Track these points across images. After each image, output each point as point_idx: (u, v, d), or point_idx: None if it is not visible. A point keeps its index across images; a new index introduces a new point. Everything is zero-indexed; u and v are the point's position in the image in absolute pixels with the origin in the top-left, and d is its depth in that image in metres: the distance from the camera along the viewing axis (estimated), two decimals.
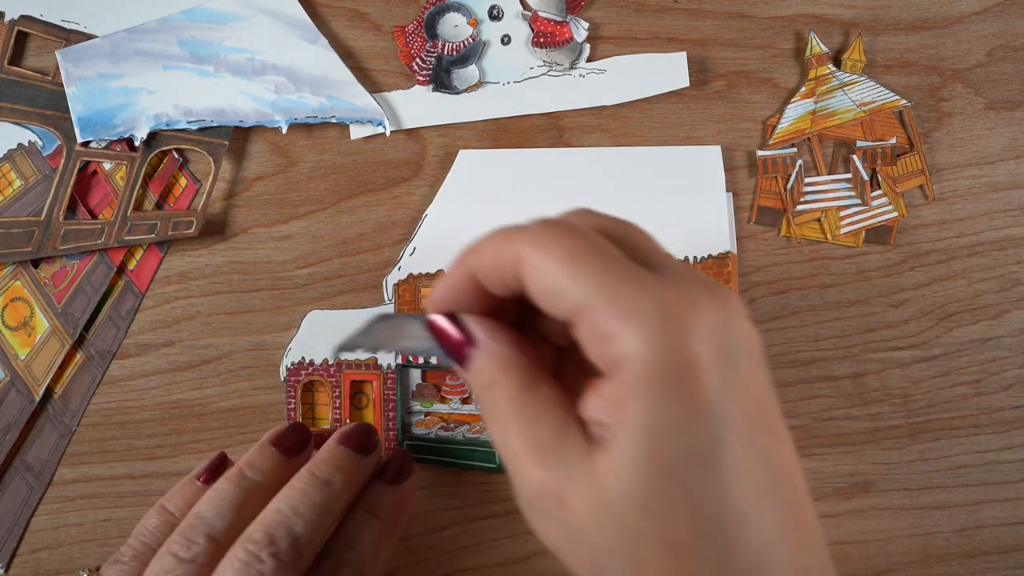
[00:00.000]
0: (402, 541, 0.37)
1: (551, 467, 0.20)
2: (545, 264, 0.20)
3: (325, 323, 0.36)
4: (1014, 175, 0.38)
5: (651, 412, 0.19)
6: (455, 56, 0.37)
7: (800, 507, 0.20)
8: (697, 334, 0.19)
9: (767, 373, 0.21)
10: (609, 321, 0.19)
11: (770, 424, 0.20)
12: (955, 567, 0.37)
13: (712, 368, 0.19)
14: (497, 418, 0.22)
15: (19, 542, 0.36)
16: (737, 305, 0.21)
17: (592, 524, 0.20)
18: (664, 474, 0.19)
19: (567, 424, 0.21)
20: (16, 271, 0.36)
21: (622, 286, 0.20)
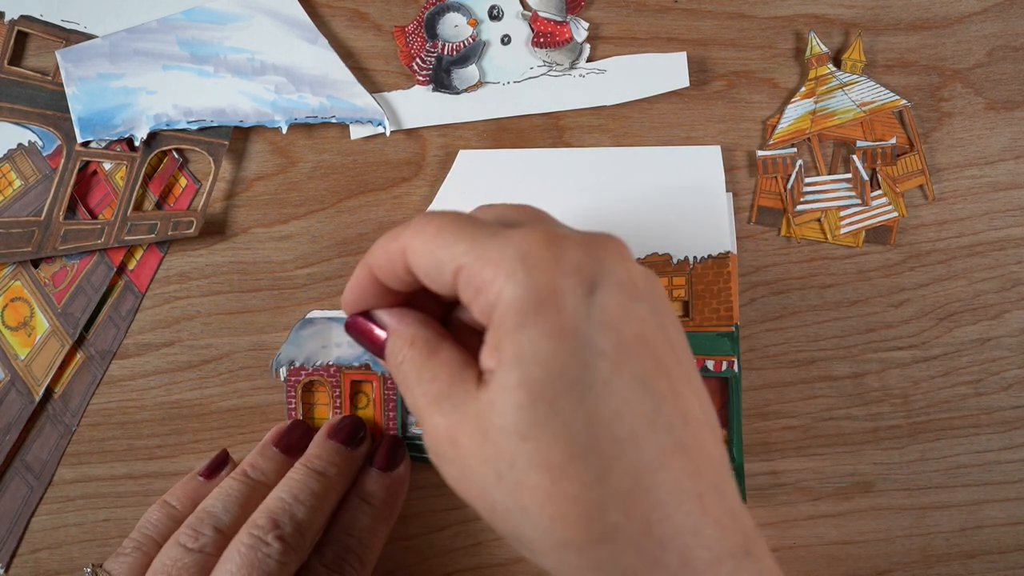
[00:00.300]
0: (402, 541, 0.37)
1: (446, 413, 0.22)
2: (423, 244, 0.22)
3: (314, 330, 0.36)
4: (1014, 175, 0.38)
5: (519, 344, 0.20)
6: (455, 56, 0.37)
7: (691, 437, 0.21)
8: (559, 269, 0.20)
9: (654, 313, 0.22)
10: (480, 273, 0.21)
11: (655, 357, 0.21)
12: (955, 567, 0.37)
13: (576, 298, 0.20)
14: (407, 386, 0.24)
15: (19, 542, 0.36)
16: (610, 244, 0.22)
17: (477, 457, 0.21)
18: (534, 400, 0.20)
19: (462, 374, 0.22)
20: (16, 271, 0.36)
21: (488, 241, 0.21)
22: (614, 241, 0.22)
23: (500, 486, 0.21)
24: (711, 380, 0.36)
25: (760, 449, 0.37)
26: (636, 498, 0.20)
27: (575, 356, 0.20)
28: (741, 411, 0.36)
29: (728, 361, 0.35)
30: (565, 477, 0.20)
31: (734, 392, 0.36)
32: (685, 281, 0.36)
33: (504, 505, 0.21)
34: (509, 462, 0.20)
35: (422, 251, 0.23)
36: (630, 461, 0.20)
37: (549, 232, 0.21)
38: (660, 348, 0.21)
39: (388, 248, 0.24)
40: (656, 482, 0.20)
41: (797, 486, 0.37)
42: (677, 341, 0.22)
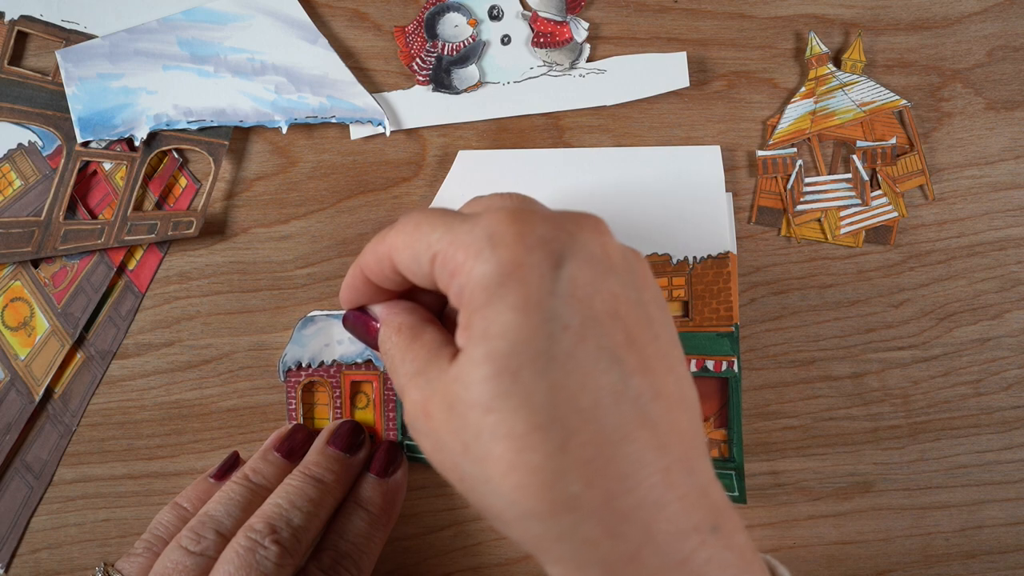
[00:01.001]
0: (402, 541, 0.37)
1: (420, 387, 0.22)
2: (403, 240, 0.23)
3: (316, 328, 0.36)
4: (1014, 175, 0.38)
5: (486, 318, 0.20)
6: (455, 56, 0.37)
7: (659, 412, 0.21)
8: (524, 243, 0.21)
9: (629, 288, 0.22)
10: (453, 256, 0.21)
11: (627, 331, 0.21)
12: (955, 567, 0.37)
13: (540, 269, 0.21)
14: (391, 368, 0.25)
15: (19, 542, 0.36)
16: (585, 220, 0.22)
17: (447, 428, 0.21)
18: (499, 371, 0.20)
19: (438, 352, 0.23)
20: (16, 271, 0.36)
21: (460, 226, 0.22)
22: (590, 218, 0.22)
23: (467, 456, 0.21)
24: (711, 380, 0.36)
25: (760, 449, 0.37)
26: (597, 469, 0.20)
27: (539, 328, 0.20)
28: (741, 411, 0.36)
29: (728, 361, 0.35)
30: (527, 447, 0.20)
31: (734, 392, 0.36)
32: (685, 281, 0.36)
33: (472, 475, 0.21)
34: (475, 433, 0.20)
35: (402, 246, 0.23)
36: (592, 432, 0.20)
37: (517, 209, 0.22)
38: (634, 323, 0.21)
39: (376, 250, 0.25)
40: (618, 454, 0.20)
41: (797, 486, 0.37)
42: (657, 318, 0.22)
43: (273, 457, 0.33)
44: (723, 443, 0.36)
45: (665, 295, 0.36)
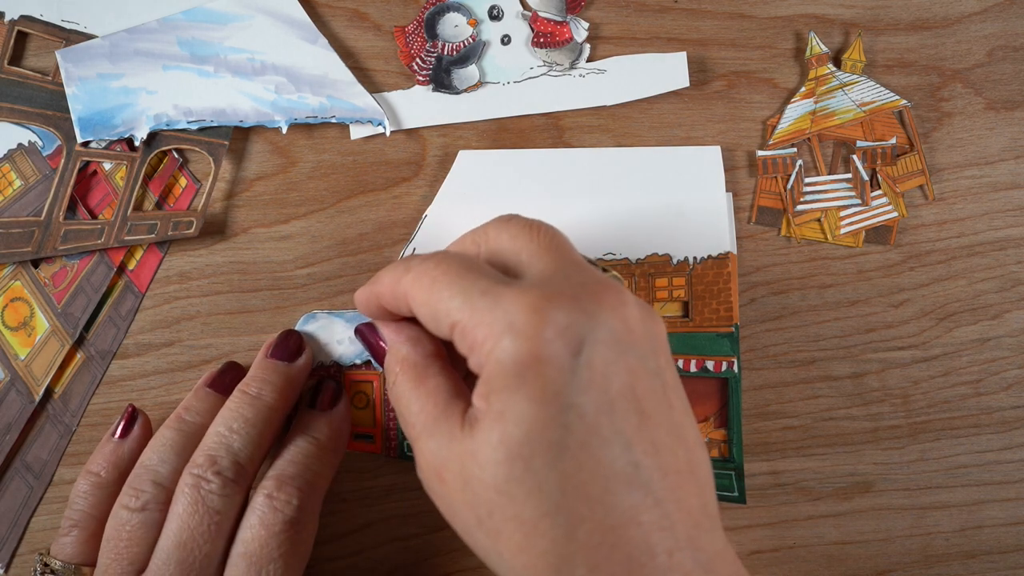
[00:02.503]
0: (402, 541, 0.37)
1: (432, 450, 0.23)
2: (422, 295, 0.24)
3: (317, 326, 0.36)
4: (1014, 175, 0.38)
5: (503, 404, 0.21)
6: (455, 56, 0.37)
7: (667, 491, 0.21)
8: (544, 330, 0.21)
9: (644, 359, 0.22)
10: (474, 333, 0.22)
11: (640, 411, 0.21)
12: (955, 567, 0.37)
13: (558, 360, 0.21)
14: (396, 406, 0.26)
15: (19, 542, 0.36)
16: (605, 296, 0.22)
17: (461, 500, 0.22)
18: (511, 459, 0.21)
19: (450, 405, 0.24)
20: (16, 271, 0.36)
21: (481, 300, 0.22)
22: (611, 289, 0.23)
23: (480, 528, 0.22)
24: (711, 380, 0.36)
25: (760, 449, 0.37)
26: (603, 553, 0.20)
27: (554, 419, 0.21)
28: (741, 411, 0.36)
29: (728, 361, 0.35)
30: (536, 532, 0.21)
31: (734, 392, 0.36)
32: (685, 281, 0.36)
33: (483, 546, 0.22)
34: (487, 511, 0.21)
35: (421, 302, 0.24)
36: (599, 519, 0.20)
37: (539, 295, 0.22)
38: (648, 396, 0.22)
39: (393, 289, 0.25)
40: (624, 538, 0.21)
41: (797, 486, 0.37)
42: (671, 383, 0.23)
43: (205, 393, 0.32)
44: (723, 443, 0.36)
45: (665, 295, 0.36)
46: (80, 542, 0.30)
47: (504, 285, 0.23)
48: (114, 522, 0.29)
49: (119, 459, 0.32)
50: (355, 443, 0.36)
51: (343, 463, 0.37)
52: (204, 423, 0.31)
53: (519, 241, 0.25)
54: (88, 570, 0.30)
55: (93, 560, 0.30)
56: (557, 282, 0.23)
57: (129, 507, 0.29)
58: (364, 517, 0.37)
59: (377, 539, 0.37)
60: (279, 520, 0.28)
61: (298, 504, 0.29)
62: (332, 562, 0.36)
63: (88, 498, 0.31)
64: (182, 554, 0.27)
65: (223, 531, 0.28)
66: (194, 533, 0.27)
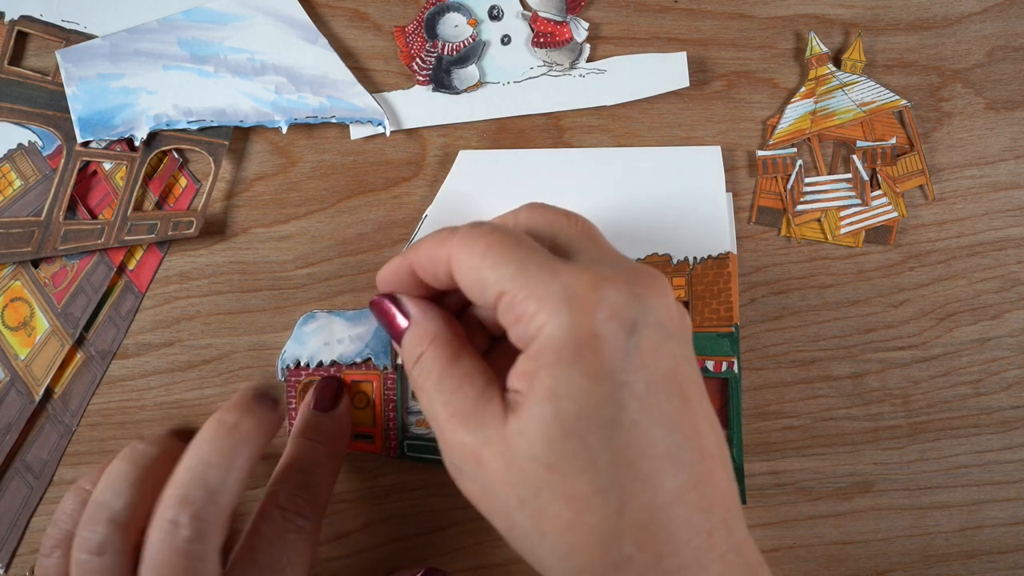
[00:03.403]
0: (402, 541, 0.37)
1: (471, 431, 0.22)
2: (469, 259, 0.23)
3: (316, 325, 0.36)
4: (1014, 175, 0.38)
5: (556, 380, 0.21)
6: (455, 56, 0.37)
7: (705, 473, 0.22)
8: (601, 310, 0.21)
9: (682, 346, 0.23)
10: (523, 304, 0.22)
11: (682, 394, 0.22)
12: (955, 567, 0.37)
13: (614, 340, 0.21)
14: (424, 389, 0.24)
15: (19, 542, 0.36)
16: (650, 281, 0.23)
17: (503, 480, 0.22)
18: (565, 434, 0.21)
19: (486, 392, 0.23)
20: (16, 271, 0.36)
21: (535, 273, 0.22)
22: (656, 278, 0.23)
23: (522, 510, 0.22)
24: (711, 380, 0.36)
25: (760, 449, 0.37)
26: (650, 532, 0.21)
27: (609, 396, 0.21)
28: (741, 411, 0.36)
29: (728, 361, 0.35)
30: (587, 509, 0.21)
31: (734, 392, 0.36)
32: (685, 281, 0.36)
33: (524, 528, 0.22)
34: (534, 490, 0.21)
35: (468, 265, 0.23)
36: (648, 497, 0.21)
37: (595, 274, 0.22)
38: (687, 384, 0.22)
39: (434, 252, 0.25)
40: (669, 517, 0.21)
41: (797, 486, 0.37)
42: (699, 376, 0.23)
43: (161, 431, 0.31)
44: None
45: None
46: (65, 563, 0.28)
47: (559, 262, 0.23)
48: (76, 569, 0.26)
49: None
50: (355, 443, 0.36)
51: (343, 463, 0.37)
52: (159, 451, 0.28)
53: (556, 224, 0.25)
54: None
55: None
56: (607, 265, 0.23)
57: (85, 550, 0.26)
58: (364, 517, 0.37)
59: (377, 539, 0.37)
60: (286, 531, 0.28)
61: (304, 513, 0.29)
62: (332, 562, 0.36)
63: (74, 516, 0.29)
64: None
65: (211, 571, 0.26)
66: None
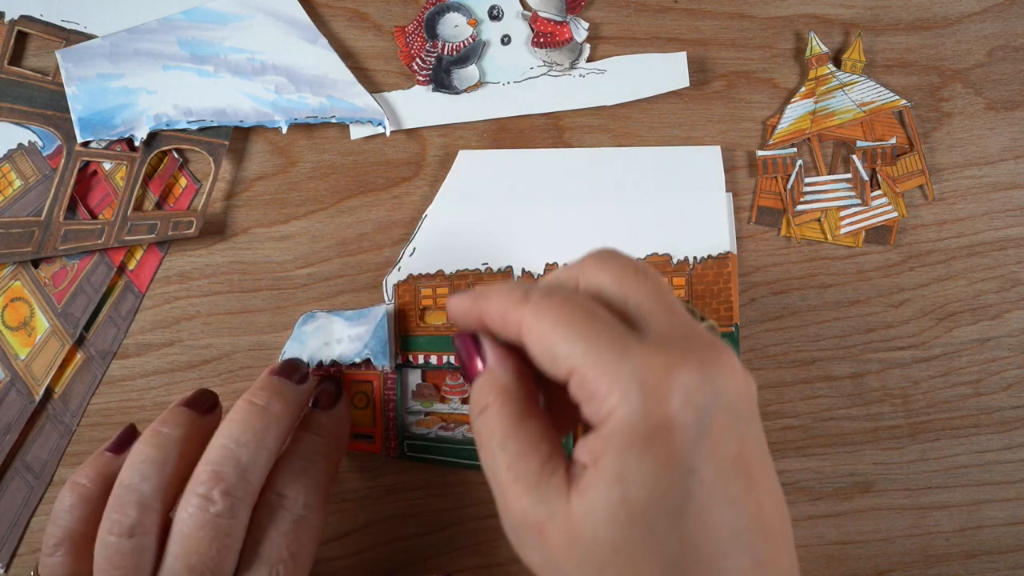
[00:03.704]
0: (402, 541, 0.37)
1: (535, 502, 0.23)
2: (540, 330, 0.23)
3: (316, 325, 0.36)
4: (1014, 175, 0.38)
5: (625, 465, 0.21)
6: (455, 56, 0.37)
7: (768, 552, 0.22)
8: (674, 396, 0.21)
9: (750, 423, 0.23)
10: (596, 384, 0.22)
11: (748, 474, 0.22)
12: (955, 567, 0.37)
13: (686, 427, 0.21)
14: (487, 446, 0.24)
15: (19, 542, 0.36)
16: (722, 360, 0.23)
17: (566, 557, 0.22)
18: (632, 520, 0.21)
19: (551, 461, 0.23)
20: (16, 271, 0.36)
21: (607, 352, 0.22)
22: (727, 355, 0.23)
23: None
24: None
25: None
26: None
27: (678, 483, 0.21)
28: None
29: None
30: None
31: None
32: (685, 281, 0.36)
33: None
34: (598, 568, 0.21)
35: (538, 338, 0.23)
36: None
37: (667, 356, 0.22)
38: (754, 463, 0.22)
39: (506, 313, 0.24)
40: None
41: (797, 486, 0.37)
42: (765, 448, 0.23)
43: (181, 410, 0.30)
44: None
45: None
46: (70, 560, 0.28)
47: (631, 339, 0.22)
48: (103, 551, 0.27)
49: (109, 472, 0.29)
50: (355, 443, 0.36)
51: (343, 463, 0.37)
52: (183, 435, 0.29)
53: (626, 285, 0.25)
54: None
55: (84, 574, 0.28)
56: (679, 342, 0.23)
57: (116, 533, 0.26)
58: (364, 517, 0.37)
59: (377, 539, 0.37)
60: (288, 519, 0.28)
61: (306, 502, 0.29)
62: (332, 562, 0.36)
63: (73, 512, 0.29)
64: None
65: (234, 550, 0.27)
66: (204, 557, 0.26)
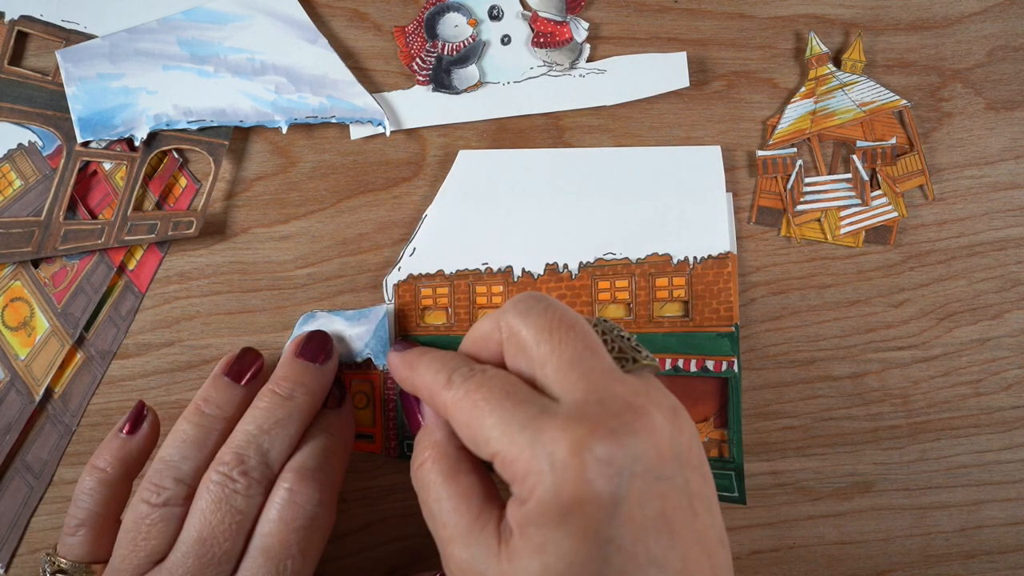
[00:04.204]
0: (402, 541, 0.37)
1: (468, 556, 0.24)
2: (462, 423, 0.25)
3: (317, 324, 0.36)
4: (1014, 175, 0.38)
5: (544, 537, 0.22)
6: (455, 56, 0.37)
7: None
8: (587, 470, 0.22)
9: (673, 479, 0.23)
10: (515, 467, 0.23)
11: (670, 531, 0.23)
12: (955, 567, 0.37)
13: (600, 499, 0.22)
14: (425, 501, 0.26)
15: (19, 542, 0.36)
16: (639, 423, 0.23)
17: None
18: None
19: (482, 515, 0.24)
20: (16, 271, 0.36)
21: (520, 434, 0.23)
22: (644, 416, 0.23)
23: None
24: (711, 380, 0.36)
25: (760, 449, 0.37)
26: None
27: (594, 554, 0.22)
28: (741, 411, 0.36)
29: (728, 361, 0.35)
30: None
31: (734, 392, 0.36)
32: (685, 281, 0.36)
33: None
34: None
35: (461, 423, 0.25)
36: None
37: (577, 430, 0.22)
38: (676, 515, 0.23)
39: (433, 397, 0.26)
40: None
41: (797, 486, 0.37)
42: (696, 491, 0.24)
43: (224, 383, 0.32)
44: (723, 443, 0.36)
45: (665, 295, 0.36)
46: (89, 541, 0.30)
47: (542, 416, 0.23)
48: (133, 515, 0.29)
49: (126, 455, 0.31)
50: (355, 443, 0.36)
51: None
52: (223, 415, 0.31)
53: (542, 347, 0.25)
54: (98, 567, 0.30)
55: (103, 558, 0.30)
56: (592, 412, 0.23)
57: (150, 502, 0.29)
58: (364, 517, 0.37)
59: (377, 539, 0.37)
60: (300, 515, 0.29)
61: (319, 499, 0.29)
62: (332, 562, 0.36)
63: (94, 495, 0.30)
64: (202, 549, 0.27)
65: (244, 529, 0.28)
66: (215, 531, 0.28)
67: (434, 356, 0.27)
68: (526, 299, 0.26)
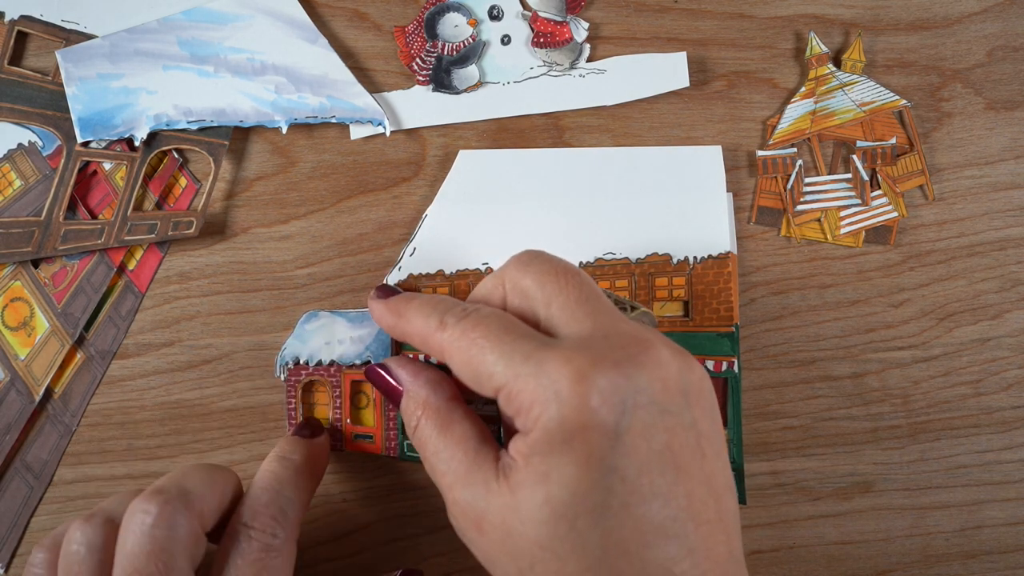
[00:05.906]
0: (402, 541, 0.37)
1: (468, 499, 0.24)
2: (462, 360, 0.25)
3: (319, 324, 0.36)
4: (1014, 175, 0.38)
5: (547, 464, 0.22)
6: (455, 56, 0.37)
7: (700, 540, 0.22)
8: (590, 398, 0.22)
9: (681, 415, 0.23)
10: (520, 398, 0.23)
11: (676, 466, 0.23)
12: (955, 567, 0.37)
13: (603, 428, 0.22)
14: (426, 457, 0.26)
15: (19, 542, 0.36)
16: (644, 356, 0.23)
17: (501, 550, 0.23)
18: (555, 518, 0.22)
19: (479, 454, 0.25)
20: (16, 271, 0.36)
21: (524, 366, 0.23)
22: (648, 349, 0.23)
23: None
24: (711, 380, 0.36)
25: (760, 449, 0.37)
26: None
27: (598, 483, 0.22)
28: (741, 411, 0.36)
29: (728, 361, 0.35)
30: None
31: (734, 392, 0.36)
32: (685, 281, 0.36)
33: None
34: (529, 563, 0.22)
35: (460, 365, 0.25)
36: (637, 571, 0.22)
37: (581, 362, 0.22)
38: (683, 452, 0.23)
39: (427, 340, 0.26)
40: None
41: (797, 486, 0.37)
42: (705, 431, 0.24)
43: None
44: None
45: (665, 295, 0.36)
46: None
47: (546, 348, 0.23)
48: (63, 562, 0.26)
49: None
50: (355, 443, 0.36)
51: (343, 463, 0.37)
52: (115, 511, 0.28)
53: (547, 289, 0.25)
54: None
55: None
56: (597, 345, 0.23)
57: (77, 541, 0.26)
58: (364, 517, 0.37)
59: (377, 539, 0.37)
60: (254, 549, 0.27)
61: (272, 531, 0.28)
62: (332, 562, 0.36)
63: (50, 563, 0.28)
64: None
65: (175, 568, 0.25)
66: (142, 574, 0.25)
67: (423, 300, 0.27)
68: (526, 253, 0.27)
